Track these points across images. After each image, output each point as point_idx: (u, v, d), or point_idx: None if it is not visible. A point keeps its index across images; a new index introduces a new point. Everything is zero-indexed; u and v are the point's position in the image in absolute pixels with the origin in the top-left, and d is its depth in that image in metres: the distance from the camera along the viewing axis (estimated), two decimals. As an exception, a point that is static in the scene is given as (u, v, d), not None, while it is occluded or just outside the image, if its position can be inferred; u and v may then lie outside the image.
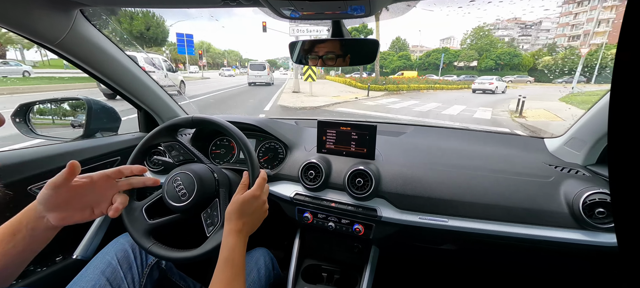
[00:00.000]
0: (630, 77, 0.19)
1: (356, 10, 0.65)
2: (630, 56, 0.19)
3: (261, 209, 0.71)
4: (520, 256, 1.06)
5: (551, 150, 1.04)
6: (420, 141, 1.17)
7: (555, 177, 0.88)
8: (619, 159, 0.22)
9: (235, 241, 0.63)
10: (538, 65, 36.75)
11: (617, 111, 0.21)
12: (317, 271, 1.13)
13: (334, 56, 0.80)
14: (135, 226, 0.79)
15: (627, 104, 0.20)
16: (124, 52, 1.04)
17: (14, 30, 0.74)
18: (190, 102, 1.70)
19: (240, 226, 0.66)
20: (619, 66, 0.19)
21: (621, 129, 0.21)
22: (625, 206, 0.23)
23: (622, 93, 0.20)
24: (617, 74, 0.20)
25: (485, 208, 0.84)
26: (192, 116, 0.86)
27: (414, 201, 0.89)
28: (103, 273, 0.75)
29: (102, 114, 1.15)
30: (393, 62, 44.14)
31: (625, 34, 0.19)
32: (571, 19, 44.92)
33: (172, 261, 0.75)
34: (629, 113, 0.20)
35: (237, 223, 0.66)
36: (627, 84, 0.20)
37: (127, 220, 0.79)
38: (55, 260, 0.96)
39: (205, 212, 0.79)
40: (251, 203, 0.69)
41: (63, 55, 0.88)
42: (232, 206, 0.69)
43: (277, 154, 1.17)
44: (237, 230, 0.65)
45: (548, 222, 0.80)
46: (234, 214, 0.67)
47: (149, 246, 0.76)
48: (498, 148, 1.10)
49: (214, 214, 0.79)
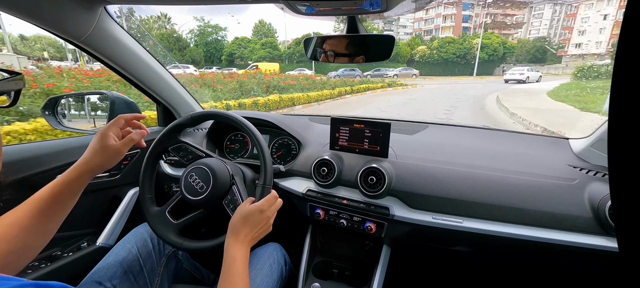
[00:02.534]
0: (630, 77, 0.19)
1: (373, 5, 0.64)
2: (630, 56, 0.19)
3: (265, 224, 0.72)
4: (539, 261, 1.02)
5: (576, 151, 0.99)
6: (435, 140, 1.14)
7: (579, 179, 0.83)
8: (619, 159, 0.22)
9: (238, 252, 0.64)
10: (415, 55, 32.75)
11: (617, 111, 0.21)
12: (328, 267, 1.13)
13: (348, 53, 0.79)
14: (163, 230, 0.82)
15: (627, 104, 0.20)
16: (145, 49, 1.08)
17: (45, 27, 0.78)
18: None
19: (243, 238, 0.67)
20: (619, 65, 0.19)
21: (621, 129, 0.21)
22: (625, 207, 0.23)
23: (622, 93, 0.20)
24: (617, 74, 0.20)
25: (502, 209, 0.81)
26: (190, 114, 0.88)
27: (427, 201, 0.88)
28: (124, 261, 0.79)
29: (124, 108, 1.19)
30: (255, 52, 33.25)
31: (625, 34, 0.18)
32: (424, 15, 48.27)
33: (205, 250, 0.78)
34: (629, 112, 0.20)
35: (241, 234, 0.67)
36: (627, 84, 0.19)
37: (154, 226, 0.82)
38: (81, 247, 1.02)
39: (225, 199, 0.82)
40: (256, 216, 0.70)
41: (88, 50, 0.92)
42: (237, 217, 0.70)
43: (290, 150, 1.18)
44: (241, 241, 0.66)
45: (570, 227, 0.76)
46: (239, 224, 0.68)
47: (181, 243, 0.79)
48: (518, 148, 1.06)
49: (235, 199, 0.81)
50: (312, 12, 0.72)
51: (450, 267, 1.33)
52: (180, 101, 1.28)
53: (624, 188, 0.22)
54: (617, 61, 0.19)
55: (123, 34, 0.97)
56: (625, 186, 0.22)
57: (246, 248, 0.66)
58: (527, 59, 36.94)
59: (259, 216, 0.70)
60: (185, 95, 1.29)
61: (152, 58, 1.11)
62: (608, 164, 0.23)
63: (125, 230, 1.08)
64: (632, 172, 0.21)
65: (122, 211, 1.11)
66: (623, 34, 0.19)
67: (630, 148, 0.21)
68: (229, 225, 0.70)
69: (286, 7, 0.70)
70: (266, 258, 0.88)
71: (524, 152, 1.01)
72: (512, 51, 32.16)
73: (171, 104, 1.27)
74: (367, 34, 0.75)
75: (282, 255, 0.94)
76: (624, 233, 0.23)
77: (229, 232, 0.68)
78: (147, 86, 1.15)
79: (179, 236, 0.81)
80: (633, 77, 0.19)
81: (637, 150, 0.20)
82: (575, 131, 4.99)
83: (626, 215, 0.23)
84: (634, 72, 0.19)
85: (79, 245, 1.02)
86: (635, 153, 0.20)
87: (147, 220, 0.83)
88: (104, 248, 1.03)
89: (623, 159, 0.21)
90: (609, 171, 0.22)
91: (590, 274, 0.98)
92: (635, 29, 0.18)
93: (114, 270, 0.76)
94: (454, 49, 31.21)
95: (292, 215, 1.12)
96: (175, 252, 0.93)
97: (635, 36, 0.18)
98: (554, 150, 1.02)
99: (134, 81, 1.11)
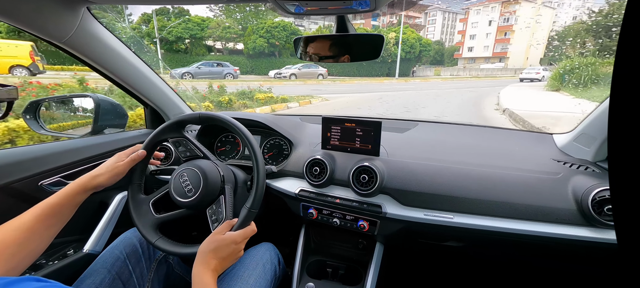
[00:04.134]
0: (630, 77, 0.19)
1: (361, 5, 0.64)
2: (630, 56, 0.19)
3: (235, 255, 0.71)
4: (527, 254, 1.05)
5: (560, 146, 1.02)
6: (425, 137, 1.16)
7: (563, 173, 0.86)
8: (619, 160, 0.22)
9: (209, 279, 0.63)
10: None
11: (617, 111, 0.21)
12: (322, 267, 1.14)
13: (337, 52, 0.79)
14: (142, 221, 0.80)
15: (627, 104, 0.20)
16: (131, 49, 1.05)
17: (24, 28, 0.75)
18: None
19: (214, 266, 0.66)
20: (619, 66, 0.19)
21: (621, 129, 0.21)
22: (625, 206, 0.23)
23: (622, 93, 0.20)
24: (617, 74, 0.19)
25: (490, 204, 0.83)
26: (199, 113, 0.86)
27: (419, 198, 0.89)
28: (112, 267, 0.77)
29: (109, 111, 1.16)
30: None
31: (625, 34, 0.18)
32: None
33: (176, 255, 0.77)
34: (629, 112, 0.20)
35: (211, 263, 0.66)
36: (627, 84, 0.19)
37: (135, 214, 0.80)
38: (67, 254, 0.99)
39: (210, 208, 0.80)
40: (229, 246, 0.69)
41: (71, 52, 0.90)
42: (209, 244, 0.68)
43: (282, 150, 1.17)
44: (212, 269, 0.65)
45: (555, 219, 0.79)
46: (209, 253, 0.67)
47: (155, 240, 0.77)
48: (505, 144, 1.09)
49: (219, 210, 0.79)
50: (301, 11, 0.72)
51: (442, 263, 1.35)
52: (168, 102, 1.26)
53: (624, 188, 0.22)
54: (617, 61, 0.19)
55: (107, 34, 0.95)
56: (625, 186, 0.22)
57: (216, 275, 0.66)
58: (428, 61, 36.86)
59: (231, 248, 0.69)
60: (173, 97, 1.27)
61: (138, 59, 1.08)
62: (608, 164, 0.23)
63: (113, 236, 1.05)
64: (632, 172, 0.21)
65: (109, 217, 1.08)
66: (623, 34, 0.18)
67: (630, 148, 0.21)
68: (198, 250, 0.68)
69: (276, 7, 0.70)
70: (259, 258, 0.88)
71: (511, 148, 1.04)
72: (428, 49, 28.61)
73: (159, 105, 1.24)
74: (356, 33, 0.75)
75: (275, 255, 0.94)
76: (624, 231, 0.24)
77: (199, 259, 0.67)
78: (134, 87, 1.13)
79: (155, 232, 0.79)
80: (633, 77, 0.19)
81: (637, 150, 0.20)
82: (558, 126, 5.12)
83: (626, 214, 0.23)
84: (634, 72, 0.19)
85: (65, 253, 0.99)
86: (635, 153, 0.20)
87: (130, 206, 0.81)
88: (92, 255, 1.00)
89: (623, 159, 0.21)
90: (609, 171, 0.23)
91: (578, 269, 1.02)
92: (635, 29, 0.18)
93: (102, 276, 0.74)
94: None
95: (285, 215, 1.11)
96: (166, 256, 0.91)
97: (635, 35, 0.18)
98: (539, 145, 1.05)
99: (120, 83, 1.08)
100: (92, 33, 0.89)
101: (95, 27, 0.90)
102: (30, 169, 0.89)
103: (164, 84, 1.22)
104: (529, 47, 46.06)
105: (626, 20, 0.18)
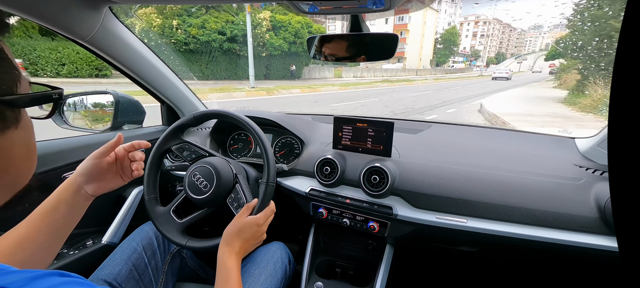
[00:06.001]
0: (630, 77, 0.19)
1: (376, 4, 0.64)
2: (630, 56, 0.19)
3: (259, 238, 0.73)
4: (545, 262, 1.01)
5: (582, 151, 0.98)
6: (439, 139, 1.14)
7: (585, 179, 0.82)
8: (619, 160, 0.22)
9: (233, 262, 0.65)
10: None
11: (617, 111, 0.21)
12: (331, 266, 1.13)
13: (352, 52, 0.79)
14: (168, 229, 0.82)
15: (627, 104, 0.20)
16: (150, 48, 1.08)
17: (50, 27, 0.79)
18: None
19: (238, 248, 0.68)
20: (619, 66, 0.19)
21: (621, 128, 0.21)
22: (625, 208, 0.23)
23: (622, 93, 0.20)
24: (617, 74, 0.19)
25: (506, 209, 0.81)
26: (193, 114, 0.88)
27: (431, 200, 0.87)
28: (129, 259, 0.80)
29: (128, 107, 1.20)
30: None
31: (625, 34, 0.18)
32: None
33: (207, 250, 0.78)
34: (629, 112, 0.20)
35: (235, 245, 0.68)
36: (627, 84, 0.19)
37: (160, 226, 0.83)
38: (86, 245, 1.03)
39: (229, 198, 0.82)
40: (252, 228, 0.71)
41: (93, 50, 0.93)
42: (233, 227, 0.70)
43: (293, 149, 1.18)
44: (236, 252, 0.67)
45: (576, 227, 0.75)
46: (234, 235, 0.69)
47: (185, 243, 0.80)
48: (523, 147, 1.05)
49: (239, 197, 0.82)
50: (314, 11, 0.72)
51: (454, 267, 1.32)
52: (184, 100, 1.29)
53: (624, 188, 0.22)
54: (617, 61, 0.19)
55: (128, 33, 0.98)
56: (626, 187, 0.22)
57: (239, 258, 0.67)
58: None
59: (254, 230, 0.71)
60: (188, 94, 1.30)
61: (156, 58, 1.12)
62: (608, 164, 0.22)
63: (129, 229, 1.09)
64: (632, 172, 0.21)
65: (126, 210, 1.12)
66: (623, 34, 0.18)
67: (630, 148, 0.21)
68: (223, 234, 0.70)
69: (290, 6, 0.70)
70: (270, 257, 0.89)
71: (528, 151, 1.00)
72: None
73: (175, 103, 1.28)
74: (370, 33, 0.75)
75: (286, 254, 0.94)
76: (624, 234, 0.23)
77: (223, 241, 0.69)
78: (152, 85, 1.16)
79: (183, 235, 0.82)
80: (633, 78, 0.19)
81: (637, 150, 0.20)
82: (581, 131, 4.95)
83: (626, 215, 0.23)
84: (634, 72, 0.19)
85: (85, 243, 1.03)
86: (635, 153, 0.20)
87: (152, 219, 0.84)
88: (109, 246, 1.04)
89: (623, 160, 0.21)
90: (609, 171, 0.22)
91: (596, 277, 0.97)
92: (635, 29, 0.18)
93: (119, 267, 0.77)
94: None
95: (295, 214, 1.12)
96: (180, 250, 0.93)
97: (635, 35, 0.18)
98: (560, 149, 1.01)
99: (138, 81, 1.12)
100: (114, 32, 0.92)
101: (117, 26, 0.93)
102: (55, 162, 0.93)
103: (180, 82, 1.25)
104: (421, 48, 47.26)
105: (626, 20, 0.18)
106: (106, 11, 0.87)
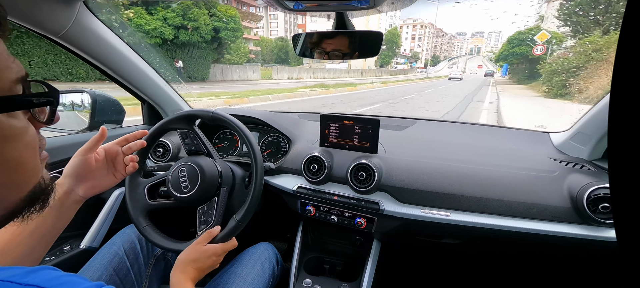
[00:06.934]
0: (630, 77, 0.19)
1: (361, 2, 0.64)
2: (630, 56, 0.19)
3: (212, 267, 0.72)
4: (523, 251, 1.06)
5: (556, 144, 1.03)
6: (423, 135, 1.16)
7: (559, 171, 0.87)
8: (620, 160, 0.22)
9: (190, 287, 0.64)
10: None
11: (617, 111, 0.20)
12: (319, 263, 1.14)
13: (337, 49, 0.79)
14: (135, 204, 0.81)
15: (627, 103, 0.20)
16: (129, 45, 1.04)
17: (19, 22, 0.74)
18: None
19: (193, 275, 0.67)
20: (619, 65, 0.19)
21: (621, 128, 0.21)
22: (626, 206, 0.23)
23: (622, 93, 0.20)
24: (617, 74, 0.19)
25: (487, 202, 0.84)
26: (212, 112, 0.86)
27: (416, 195, 0.89)
28: (110, 263, 0.77)
29: (106, 106, 1.15)
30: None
31: (625, 34, 0.18)
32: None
33: (158, 247, 0.78)
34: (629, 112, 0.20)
35: (190, 272, 0.67)
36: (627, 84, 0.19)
37: (129, 195, 0.81)
38: (64, 250, 0.98)
39: (201, 208, 0.81)
40: (209, 258, 0.70)
41: (67, 47, 0.89)
42: (190, 254, 0.69)
43: (280, 147, 1.17)
44: (191, 278, 0.66)
45: (551, 217, 0.79)
46: (191, 263, 0.68)
47: (144, 226, 0.79)
48: (502, 142, 1.09)
49: (210, 213, 0.80)
50: (300, 8, 0.72)
51: (439, 260, 1.36)
52: (166, 98, 1.25)
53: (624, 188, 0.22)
54: (617, 61, 0.19)
55: (104, 29, 0.94)
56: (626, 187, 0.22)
57: (193, 284, 0.66)
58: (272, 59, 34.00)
59: (211, 260, 0.70)
60: (171, 93, 1.26)
61: (135, 55, 1.07)
62: (608, 165, 0.23)
63: (110, 232, 1.05)
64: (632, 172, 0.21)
65: (107, 213, 1.08)
66: (623, 34, 0.18)
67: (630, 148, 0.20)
68: (177, 260, 0.69)
69: (275, 3, 0.69)
70: (257, 257, 0.88)
71: (508, 146, 1.05)
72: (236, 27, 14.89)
73: (157, 102, 1.24)
74: (356, 30, 0.75)
75: (273, 254, 0.94)
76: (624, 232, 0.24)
77: (178, 267, 0.67)
78: (131, 83, 1.12)
79: (146, 218, 0.81)
80: (633, 78, 0.19)
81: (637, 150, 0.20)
82: (555, 125, 5.21)
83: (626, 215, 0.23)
84: (634, 72, 0.19)
85: (62, 248, 0.99)
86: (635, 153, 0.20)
87: (127, 186, 0.81)
88: (89, 251, 1.00)
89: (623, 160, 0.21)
90: (609, 171, 0.23)
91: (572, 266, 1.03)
92: (635, 29, 0.18)
93: (99, 273, 0.74)
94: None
95: (283, 212, 1.11)
96: (164, 253, 0.91)
97: (635, 35, 0.18)
98: (536, 144, 1.06)
99: (116, 78, 1.08)
100: (89, 27, 0.88)
101: (92, 21, 0.89)
102: None
103: (161, 79, 1.21)
104: (366, 48, 48.02)
105: (626, 20, 0.18)
106: (80, 5, 0.82)
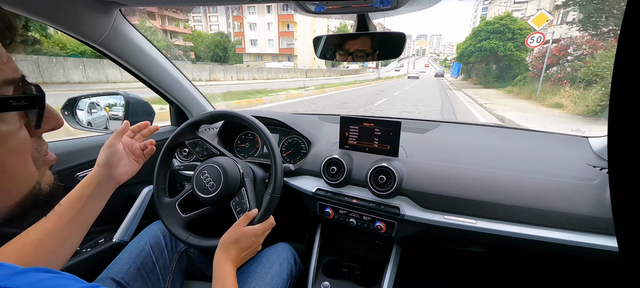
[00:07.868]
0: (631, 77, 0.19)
1: (383, 3, 0.63)
2: (630, 56, 0.19)
3: (255, 248, 0.74)
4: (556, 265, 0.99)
5: (596, 150, 0.95)
6: (447, 139, 1.12)
7: (600, 179, 0.80)
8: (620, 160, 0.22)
9: (229, 269, 0.66)
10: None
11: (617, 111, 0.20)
12: (338, 266, 1.13)
13: (359, 51, 0.79)
14: (171, 221, 0.84)
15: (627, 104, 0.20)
16: (160, 50, 1.10)
17: (62, 30, 0.81)
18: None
19: (234, 257, 0.69)
20: (619, 66, 0.19)
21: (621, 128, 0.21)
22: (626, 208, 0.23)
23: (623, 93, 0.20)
24: (617, 74, 0.19)
25: (517, 210, 0.79)
26: (210, 112, 0.89)
27: (439, 201, 0.86)
28: (137, 258, 0.81)
29: (138, 108, 1.22)
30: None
31: (625, 34, 0.18)
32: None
33: (206, 249, 0.80)
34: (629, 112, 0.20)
35: (231, 253, 0.69)
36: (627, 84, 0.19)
37: (164, 217, 0.85)
38: (98, 243, 1.05)
39: (233, 201, 0.83)
40: (249, 238, 0.71)
41: (105, 52, 0.95)
42: (231, 236, 0.71)
43: (300, 149, 1.18)
44: (232, 259, 0.68)
45: (590, 228, 0.73)
46: (231, 244, 0.70)
47: (186, 238, 0.81)
48: (533, 147, 1.03)
49: (243, 201, 0.82)
50: (321, 11, 0.72)
51: (462, 267, 1.30)
52: (192, 100, 1.31)
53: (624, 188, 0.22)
54: (617, 61, 0.19)
55: (137, 35, 1.00)
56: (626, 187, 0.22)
57: (235, 267, 0.68)
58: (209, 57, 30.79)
59: (252, 240, 0.72)
60: (196, 95, 1.32)
61: (165, 59, 1.13)
62: (608, 164, 0.22)
63: (140, 227, 1.11)
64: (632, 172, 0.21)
65: (137, 209, 1.14)
66: (623, 34, 0.18)
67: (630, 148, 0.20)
68: (220, 240, 0.71)
69: (296, 6, 0.70)
70: (276, 257, 0.89)
71: (540, 151, 0.98)
72: None
73: (183, 104, 1.30)
74: (378, 32, 0.74)
75: (292, 255, 0.95)
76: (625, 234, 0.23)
77: (220, 248, 0.70)
78: (161, 86, 1.18)
79: (185, 230, 0.83)
80: (633, 78, 0.19)
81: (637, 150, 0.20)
82: (594, 130, 4.83)
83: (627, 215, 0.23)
84: (634, 72, 0.19)
85: (97, 241, 1.06)
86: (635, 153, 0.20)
87: (158, 209, 0.86)
88: (120, 244, 1.06)
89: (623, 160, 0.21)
90: (609, 171, 0.22)
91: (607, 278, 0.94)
92: (635, 29, 0.18)
93: (127, 266, 0.78)
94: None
95: (302, 213, 1.12)
96: (187, 249, 0.94)
97: (635, 35, 0.18)
98: (572, 149, 0.99)
99: (148, 82, 1.14)
100: (124, 34, 0.94)
101: (127, 28, 0.95)
102: (68, 162, 0.95)
103: (188, 83, 1.27)
104: (314, 47, 43.72)
105: (626, 20, 0.18)
106: (117, 14, 0.88)
